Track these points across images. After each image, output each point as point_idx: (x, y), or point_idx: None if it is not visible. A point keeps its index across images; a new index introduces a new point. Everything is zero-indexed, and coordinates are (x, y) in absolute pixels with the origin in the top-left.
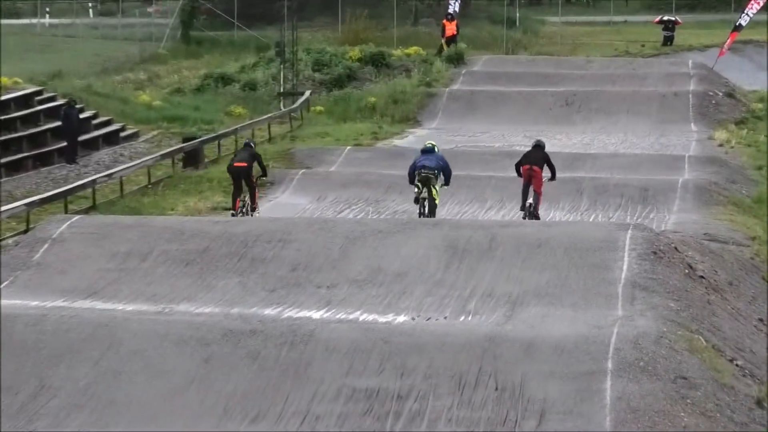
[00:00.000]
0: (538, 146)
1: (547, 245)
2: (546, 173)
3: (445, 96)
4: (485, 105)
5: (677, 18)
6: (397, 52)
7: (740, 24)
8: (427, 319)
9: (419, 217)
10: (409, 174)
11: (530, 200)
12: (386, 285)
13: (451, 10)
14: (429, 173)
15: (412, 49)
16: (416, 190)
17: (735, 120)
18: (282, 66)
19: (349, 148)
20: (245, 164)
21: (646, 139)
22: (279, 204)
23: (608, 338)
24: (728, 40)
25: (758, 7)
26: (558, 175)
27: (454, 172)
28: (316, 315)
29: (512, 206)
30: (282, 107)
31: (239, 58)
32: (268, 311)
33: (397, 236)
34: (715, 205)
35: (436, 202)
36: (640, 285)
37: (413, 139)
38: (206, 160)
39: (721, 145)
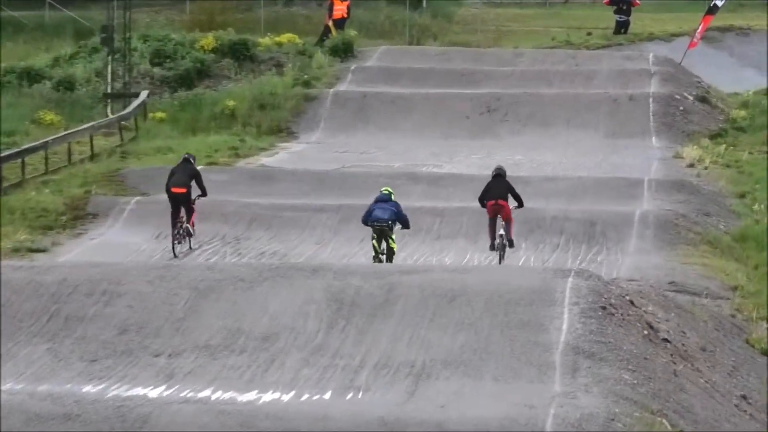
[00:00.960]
0: (500, 175)
1: (462, 297)
2: (512, 202)
3: (328, 100)
4: (382, 112)
5: None
6: (266, 40)
7: (715, 5)
8: (303, 398)
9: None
10: (363, 219)
11: (501, 231)
12: (249, 352)
13: None
14: (383, 225)
15: (284, 37)
16: (374, 253)
17: (710, 132)
18: (110, 58)
19: (200, 168)
20: (183, 190)
21: (592, 158)
22: (105, 243)
23: (542, 422)
24: (701, 27)
25: None
26: (474, 203)
27: (336, 201)
28: (152, 393)
29: (417, 245)
30: (109, 113)
31: (51, 47)
32: (88, 389)
33: (263, 286)
34: (684, 244)
35: (394, 249)
36: (585, 351)
37: (286, 156)
38: (6, 184)
39: (691, 166)
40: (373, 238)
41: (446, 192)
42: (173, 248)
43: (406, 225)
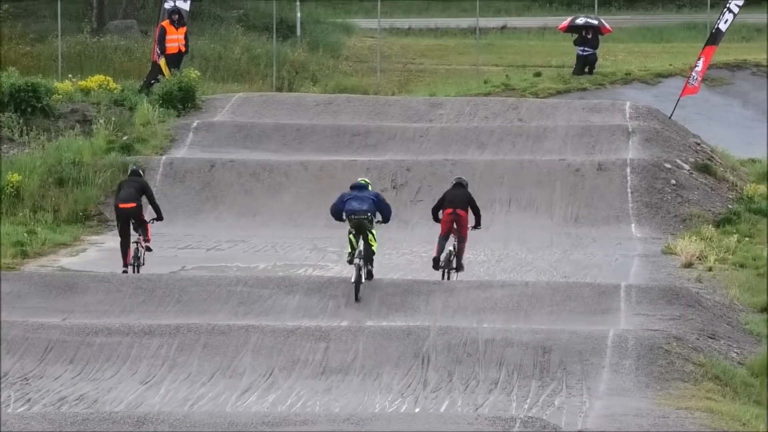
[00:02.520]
0: (460, 184)
1: None
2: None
3: (159, 171)
4: (238, 189)
5: (603, 22)
6: (65, 85)
7: (718, 29)
8: None
9: (355, 286)
10: (334, 211)
11: (450, 248)
12: None
13: (174, 4)
14: (362, 218)
15: (93, 80)
16: (349, 251)
17: (715, 217)
18: None
19: None
20: (132, 204)
21: (546, 254)
22: None
23: None
24: (701, 63)
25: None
26: (384, 323)
27: (172, 320)
28: None
29: (292, 383)
30: None
31: None
32: None
33: None
34: (679, 380)
35: (373, 248)
36: None
37: (97, 255)
38: None
39: (689, 266)
40: (350, 233)
41: (334, 305)
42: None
43: (387, 218)
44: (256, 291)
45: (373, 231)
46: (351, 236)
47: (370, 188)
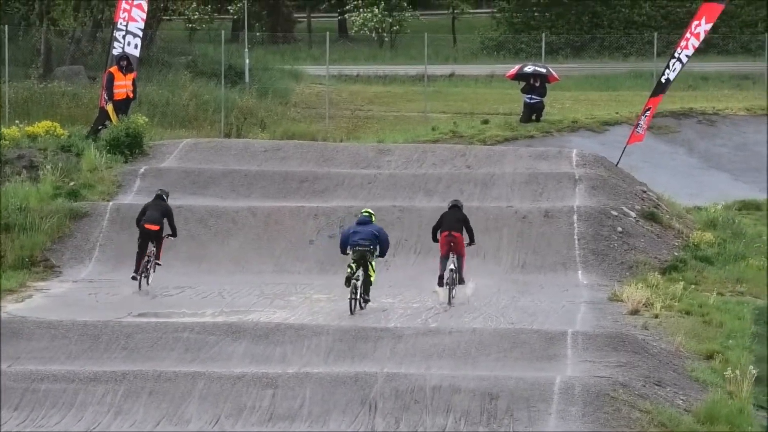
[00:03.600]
0: (456, 206)
1: None
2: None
3: (106, 218)
4: (185, 235)
5: (550, 70)
6: (12, 131)
7: (667, 79)
8: None
9: (350, 302)
10: (341, 245)
11: (451, 266)
12: None
13: (123, 51)
14: (365, 249)
15: (40, 126)
16: (349, 270)
17: (661, 264)
18: None
19: None
20: (157, 227)
21: (492, 301)
22: None
23: None
24: (648, 112)
25: (695, 46)
26: (331, 370)
27: (119, 366)
28: None
29: None
30: None
31: None
32: None
33: None
34: (626, 427)
35: (372, 279)
36: None
37: (43, 301)
38: None
39: (635, 313)
40: (351, 262)
41: (281, 351)
42: (140, 282)
43: (384, 252)
44: (202, 337)
45: (373, 263)
46: (352, 264)
47: (374, 219)
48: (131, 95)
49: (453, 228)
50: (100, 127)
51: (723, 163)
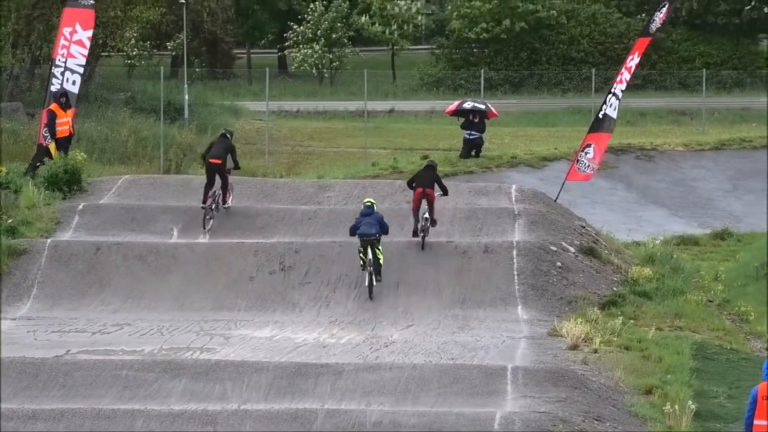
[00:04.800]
0: (431, 166)
1: None
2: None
3: (44, 255)
4: (124, 272)
5: (489, 106)
6: None
7: (605, 115)
8: None
9: (369, 288)
10: (351, 231)
11: (426, 215)
12: None
13: (62, 87)
14: (371, 238)
15: None
16: (361, 259)
17: (600, 299)
18: None
19: None
20: (219, 161)
21: (433, 336)
22: None
23: None
24: (591, 150)
25: (627, 80)
26: (270, 406)
27: (58, 404)
28: None
29: None
30: None
31: None
32: None
33: None
34: None
35: (380, 261)
36: None
37: None
38: None
39: (574, 348)
40: (359, 251)
41: (221, 388)
42: (204, 222)
43: (385, 233)
44: (141, 375)
45: (379, 248)
46: (360, 253)
47: (375, 208)
48: (72, 131)
49: (426, 185)
50: (38, 164)
51: (661, 199)
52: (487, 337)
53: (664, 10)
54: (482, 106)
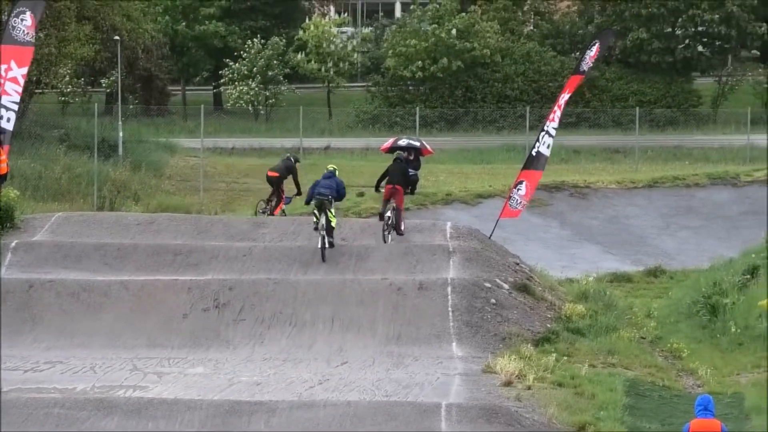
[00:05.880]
0: (399, 160)
1: None
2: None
3: None
4: (56, 309)
5: (424, 143)
6: None
7: (539, 152)
8: None
9: (321, 250)
10: (308, 195)
11: (393, 205)
12: None
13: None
14: (323, 198)
15: None
16: (314, 219)
17: (534, 336)
18: None
19: None
20: (277, 174)
21: (368, 374)
22: None
23: None
24: (524, 187)
25: (558, 118)
26: None
27: None
28: None
29: None
30: None
31: None
32: None
33: None
34: None
35: (333, 224)
36: None
37: None
38: None
39: (508, 384)
40: (314, 216)
41: (153, 426)
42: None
43: (341, 198)
44: (73, 413)
45: (332, 210)
46: (315, 211)
47: (337, 173)
48: (8, 169)
49: (397, 182)
50: None
51: (594, 236)
52: (421, 374)
53: (594, 48)
54: (417, 144)
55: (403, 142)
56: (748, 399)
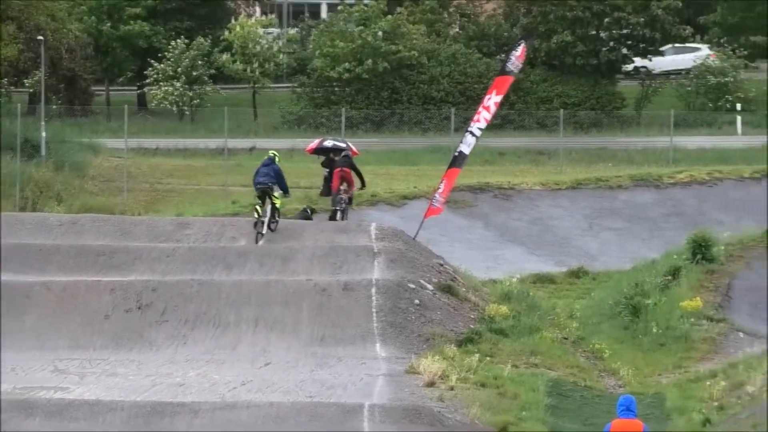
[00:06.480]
0: (347, 156)
1: None
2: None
3: None
4: None
5: (350, 144)
6: None
7: (461, 152)
8: None
9: (257, 235)
10: (254, 184)
11: (341, 195)
12: None
13: None
14: (265, 186)
15: None
16: (256, 211)
17: (457, 337)
18: None
19: None
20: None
21: (292, 375)
22: None
23: None
24: (443, 186)
25: (487, 119)
26: None
27: None
28: None
29: None
30: None
31: None
32: None
33: None
34: None
35: (278, 206)
36: None
37: None
38: None
39: (431, 385)
40: (257, 197)
41: (75, 428)
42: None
43: (285, 191)
44: None
45: (275, 194)
46: (257, 206)
47: (277, 160)
48: None
49: (344, 165)
50: None
51: (518, 237)
52: (345, 375)
53: (520, 48)
54: (343, 145)
55: (328, 143)
56: (669, 399)
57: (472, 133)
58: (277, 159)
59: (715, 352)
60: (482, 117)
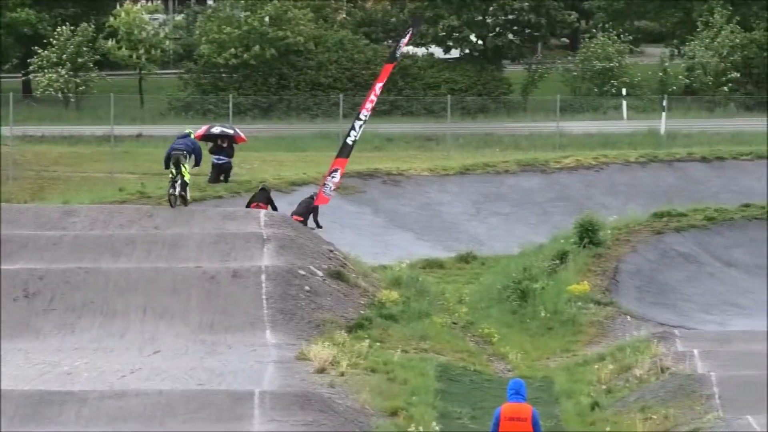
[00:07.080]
0: (264, 189)
1: None
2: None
3: None
4: None
5: (238, 131)
6: None
7: (347, 143)
8: None
9: (170, 197)
10: (165, 159)
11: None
12: None
13: None
14: (179, 153)
15: None
16: (170, 175)
17: (348, 323)
18: None
19: None
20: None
21: (181, 362)
22: None
23: None
24: (338, 174)
25: (373, 101)
26: None
27: None
28: None
29: None
30: None
31: None
32: None
33: None
34: None
35: (186, 179)
36: None
37: None
38: None
39: (321, 371)
40: (171, 167)
41: None
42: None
43: (198, 160)
44: None
45: (186, 166)
46: (171, 170)
47: (192, 135)
48: None
49: (260, 201)
50: None
51: (407, 223)
52: (235, 362)
53: (408, 35)
54: (230, 131)
55: (216, 129)
56: (557, 383)
57: (360, 118)
58: (192, 135)
59: (602, 336)
60: (368, 106)
